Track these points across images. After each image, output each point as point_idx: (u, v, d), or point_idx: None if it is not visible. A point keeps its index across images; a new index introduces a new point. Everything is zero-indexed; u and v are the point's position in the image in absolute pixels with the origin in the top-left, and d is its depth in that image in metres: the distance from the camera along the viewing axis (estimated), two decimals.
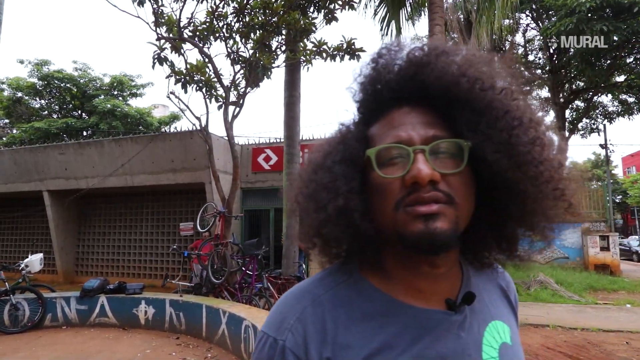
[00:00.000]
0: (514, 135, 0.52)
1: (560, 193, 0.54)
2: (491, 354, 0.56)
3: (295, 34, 6.64)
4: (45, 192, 10.64)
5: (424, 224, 0.49)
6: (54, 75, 20.22)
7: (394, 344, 0.52)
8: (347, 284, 0.58)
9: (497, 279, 0.68)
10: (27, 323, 6.01)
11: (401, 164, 0.52)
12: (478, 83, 0.53)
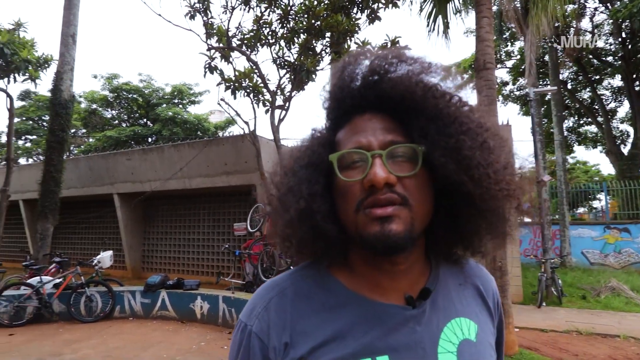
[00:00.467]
0: (460, 140, 0.55)
1: (507, 193, 0.56)
2: (448, 348, 0.58)
3: (338, 36, 6.70)
4: (115, 195, 11.61)
5: (380, 226, 0.53)
6: (122, 87, 22.02)
7: (346, 333, 0.56)
8: (313, 278, 0.63)
9: (472, 277, 0.68)
10: (99, 313, 6.63)
11: (361, 167, 0.56)
12: (430, 92, 0.57)
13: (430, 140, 0.56)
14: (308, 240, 0.59)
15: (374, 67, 0.60)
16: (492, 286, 0.70)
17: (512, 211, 0.60)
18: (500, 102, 22.36)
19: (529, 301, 8.08)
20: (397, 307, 0.59)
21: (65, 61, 8.82)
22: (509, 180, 0.57)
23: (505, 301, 4.73)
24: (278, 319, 0.59)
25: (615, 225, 14.07)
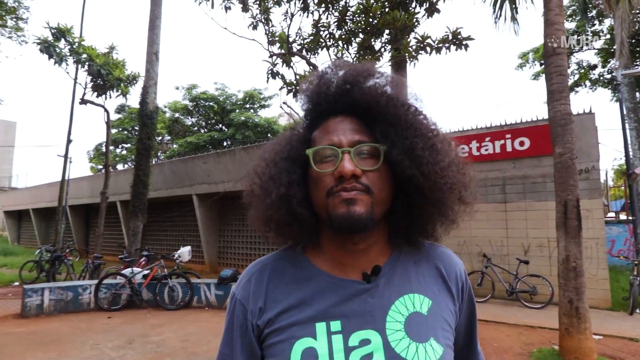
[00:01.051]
0: (414, 142, 0.66)
1: (450, 186, 0.65)
2: (397, 318, 0.66)
3: (396, 33, 6.64)
4: (194, 196, 12.66)
5: (346, 207, 0.63)
6: (200, 96, 23.82)
7: (307, 301, 0.68)
8: (289, 257, 0.75)
9: (434, 260, 0.75)
10: (180, 302, 7.33)
11: (332, 161, 0.66)
12: (391, 102, 0.68)
13: (390, 141, 0.67)
14: (285, 223, 0.70)
15: (348, 77, 0.71)
16: (456, 270, 0.76)
17: (456, 201, 0.69)
18: (587, 87, 20.24)
19: (619, 307, 7.27)
20: (354, 282, 0.69)
21: (150, 76, 9.85)
22: (452, 175, 0.68)
23: (581, 304, 4.36)
24: (257, 289, 0.72)
25: None
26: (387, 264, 0.71)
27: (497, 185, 8.82)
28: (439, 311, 0.69)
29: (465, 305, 0.77)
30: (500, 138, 8.93)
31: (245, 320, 0.71)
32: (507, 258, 8.38)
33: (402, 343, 0.64)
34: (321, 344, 0.64)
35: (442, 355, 0.65)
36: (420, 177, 0.66)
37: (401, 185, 0.69)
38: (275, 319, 0.68)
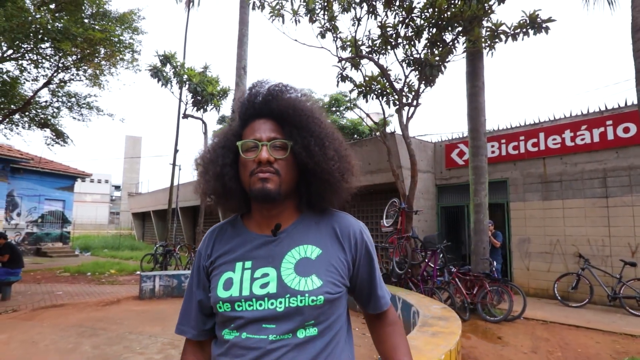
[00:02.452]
0: (308, 140, 0.93)
1: (334, 170, 0.93)
2: (290, 260, 0.91)
3: (465, 24, 6.48)
4: None
5: (261, 184, 0.91)
6: None
7: (234, 249, 0.96)
8: (230, 221, 1.04)
9: (332, 222, 0.97)
10: None
11: (254, 151, 0.94)
12: (297, 112, 0.95)
13: (294, 139, 0.94)
14: (220, 194, 0.99)
15: (270, 91, 0.99)
16: (349, 230, 0.97)
17: (340, 180, 0.95)
18: None
19: None
20: (265, 236, 0.96)
21: (240, 89, 10.91)
22: (336, 163, 0.94)
23: None
24: (208, 243, 1.03)
25: None
26: (292, 225, 0.97)
27: (597, 179, 7.91)
28: (327, 258, 0.92)
29: (362, 258, 0.98)
30: (600, 125, 8.01)
31: (199, 263, 1.02)
32: (609, 259, 7.48)
33: (290, 277, 0.89)
34: (237, 275, 0.92)
35: (320, 287, 0.88)
36: (312, 164, 0.92)
37: (301, 168, 0.95)
38: (215, 261, 0.98)
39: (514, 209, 9.10)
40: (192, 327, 1.02)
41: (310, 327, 0.88)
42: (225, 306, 0.90)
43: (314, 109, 0.98)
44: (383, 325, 1.06)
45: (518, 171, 9.11)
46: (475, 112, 7.76)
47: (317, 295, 0.88)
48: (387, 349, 1.03)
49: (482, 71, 7.91)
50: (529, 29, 6.45)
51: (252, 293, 0.89)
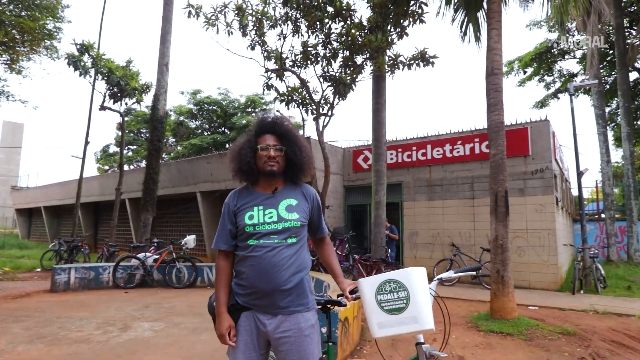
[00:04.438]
0: (293, 147, 1.85)
1: (305, 163, 1.85)
2: (282, 205, 1.81)
3: (372, 52, 7.82)
4: (198, 193, 13.82)
5: (270, 167, 1.80)
6: (204, 101, 25.05)
7: (251, 200, 1.83)
8: (246, 187, 1.91)
9: (302, 189, 1.91)
10: (185, 282, 8.49)
11: (266, 150, 1.83)
12: (288, 131, 1.86)
13: (286, 146, 1.84)
14: (245, 171, 1.86)
15: (275, 119, 1.89)
16: (310, 193, 1.92)
17: (307, 169, 1.88)
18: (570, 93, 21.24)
19: (567, 289, 8.38)
20: (268, 194, 1.84)
21: (161, 85, 11.05)
22: (306, 160, 1.86)
23: (506, 274, 5.51)
24: (234, 198, 1.87)
25: None
26: (282, 188, 1.87)
27: (467, 184, 9.96)
28: (300, 205, 1.85)
29: (315, 207, 1.92)
30: (470, 142, 10.09)
31: (229, 209, 1.87)
32: (473, 247, 9.52)
33: (283, 212, 1.79)
34: (255, 212, 1.79)
35: (297, 218, 1.80)
36: (294, 160, 1.83)
37: (289, 161, 1.85)
38: (240, 207, 1.83)
39: (406, 207, 10.87)
40: (225, 243, 1.86)
41: (293, 237, 1.80)
42: (250, 228, 1.77)
43: (295, 131, 1.90)
44: (323, 244, 2.02)
45: (410, 176, 10.91)
46: (378, 125, 9.24)
47: (296, 221, 1.80)
48: (326, 256, 1.99)
49: (384, 91, 9.43)
50: (420, 62, 8.04)
51: (265, 221, 1.78)
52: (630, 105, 14.72)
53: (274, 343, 1.76)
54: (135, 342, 4.40)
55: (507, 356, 4.15)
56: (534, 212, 8.90)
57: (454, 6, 8.75)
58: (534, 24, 19.75)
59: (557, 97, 21.08)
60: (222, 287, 1.84)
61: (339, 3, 7.38)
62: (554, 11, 8.96)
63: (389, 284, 1.65)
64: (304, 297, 1.82)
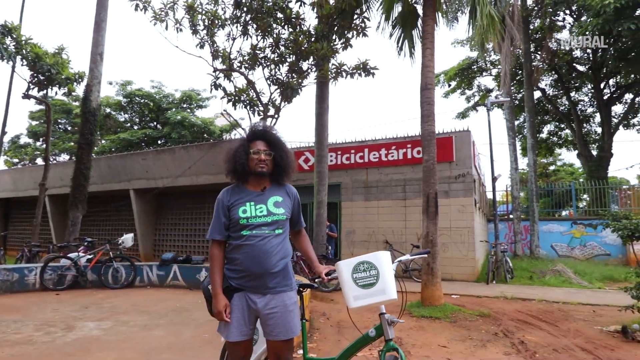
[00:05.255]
0: (280, 152, 2.18)
1: (289, 166, 2.19)
2: (271, 201, 2.13)
3: (318, 60, 8.25)
4: (131, 191, 13.25)
5: (260, 168, 2.10)
6: (135, 93, 23.74)
7: (243, 197, 2.13)
8: (237, 186, 2.20)
9: (286, 188, 2.24)
10: (123, 282, 8.22)
11: (257, 154, 2.13)
12: (276, 139, 2.19)
13: (274, 151, 2.16)
14: (238, 172, 2.14)
15: (264, 127, 2.20)
16: (292, 191, 2.25)
17: (291, 171, 2.21)
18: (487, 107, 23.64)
19: (482, 279, 9.55)
20: (258, 192, 2.15)
21: (94, 76, 10.48)
22: (290, 163, 2.19)
23: (435, 265, 6.27)
24: (227, 194, 2.15)
25: (582, 221, 15.47)
26: (269, 187, 2.18)
27: (400, 186, 10.84)
28: (285, 201, 2.17)
29: (295, 204, 2.26)
30: (404, 147, 10.99)
31: (223, 204, 2.13)
32: (405, 244, 10.39)
33: (272, 208, 2.11)
34: (248, 207, 2.08)
35: (283, 212, 2.12)
36: (280, 163, 2.15)
37: (275, 164, 2.17)
38: (233, 202, 2.11)
39: (344, 207, 11.50)
40: (219, 234, 2.12)
41: (279, 229, 2.12)
42: (244, 220, 2.06)
43: (281, 138, 2.22)
44: (300, 235, 2.36)
45: (348, 177, 11.56)
46: (321, 128, 9.72)
47: (282, 215, 2.12)
48: (303, 245, 2.34)
49: (327, 96, 9.93)
50: (362, 72, 8.65)
51: (256, 214, 2.08)
52: (534, 120, 16.92)
53: (263, 318, 2.07)
54: (86, 341, 4.34)
55: (437, 336, 4.80)
56: (457, 212, 9.99)
57: (392, 22, 9.52)
58: (458, 42, 21.73)
59: (476, 110, 23.37)
60: (218, 272, 2.10)
61: (290, 11, 7.72)
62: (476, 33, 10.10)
63: (363, 265, 2.05)
64: (288, 279, 2.16)
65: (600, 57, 17.45)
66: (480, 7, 6.93)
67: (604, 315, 5.95)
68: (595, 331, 5.03)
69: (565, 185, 20.48)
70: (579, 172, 28.94)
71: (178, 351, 4.00)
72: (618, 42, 15.35)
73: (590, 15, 13.31)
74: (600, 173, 17.31)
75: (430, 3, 7.37)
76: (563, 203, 20.47)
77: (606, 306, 6.68)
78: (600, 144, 18.61)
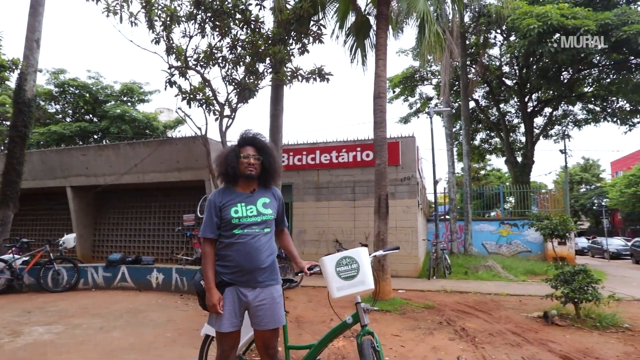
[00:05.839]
0: (268, 158, 2.39)
1: (275, 170, 2.40)
2: (260, 203, 2.33)
3: (275, 63, 8.42)
4: (68, 188, 12.42)
5: (249, 172, 2.29)
6: (69, 83, 22.10)
7: (234, 198, 2.31)
8: (227, 188, 2.37)
9: (272, 191, 2.46)
10: (65, 285, 7.79)
11: (247, 158, 2.31)
12: (265, 145, 2.39)
13: (263, 156, 2.36)
14: (229, 175, 2.31)
15: (254, 135, 2.39)
16: (278, 194, 2.47)
17: (277, 175, 2.43)
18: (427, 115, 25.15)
19: (424, 275, 10.29)
20: (247, 193, 2.34)
21: (30, 64, 9.74)
22: (277, 168, 2.41)
23: (385, 262, 6.73)
24: (219, 196, 2.31)
25: (508, 221, 17.08)
26: (258, 189, 2.38)
27: (349, 187, 11.31)
28: (271, 202, 2.38)
29: (280, 206, 2.48)
30: (354, 150, 11.48)
31: (215, 205, 2.29)
32: (353, 243, 10.86)
33: (261, 208, 2.31)
34: (239, 208, 2.26)
35: (270, 213, 2.33)
36: (268, 168, 2.36)
37: (263, 168, 2.38)
38: (225, 203, 2.27)
39: (296, 207, 11.75)
40: (212, 233, 2.28)
41: (267, 228, 2.33)
42: (236, 220, 2.24)
43: (270, 145, 2.43)
44: (283, 234, 2.58)
45: (300, 178, 11.83)
46: (276, 130, 9.88)
47: (270, 215, 2.34)
48: (286, 243, 2.56)
49: (282, 98, 10.12)
50: (317, 77, 8.96)
51: (247, 215, 2.27)
52: (469, 128, 18.38)
53: (253, 310, 2.27)
54: (39, 345, 4.18)
55: (389, 327, 5.22)
56: (402, 212, 10.66)
57: (346, 31, 9.97)
58: (402, 52, 22.91)
59: (417, 116, 24.78)
60: (211, 268, 2.27)
61: (249, 13, 7.81)
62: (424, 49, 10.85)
63: (345, 259, 2.33)
64: (275, 274, 2.38)
65: (525, 74, 19.40)
66: (428, 25, 7.53)
67: (528, 304, 6.79)
68: (522, 317, 5.76)
69: (495, 188, 22.45)
70: (505, 176, 31.78)
71: (143, 351, 4.01)
72: (540, 61, 17.17)
73: (518, 37, 14.82)
74: (524, 178, 19.22)
75: (384, 17, 7.88)
76: (492, 204, 22.41)
77: (529, 296, 7.60)
78: (524, 152, 20.64)
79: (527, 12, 14.22)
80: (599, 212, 39.09)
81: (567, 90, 18.34)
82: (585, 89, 19.99)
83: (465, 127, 17.38)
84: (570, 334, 4.80)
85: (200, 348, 2.87)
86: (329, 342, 2.55)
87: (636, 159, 34.65)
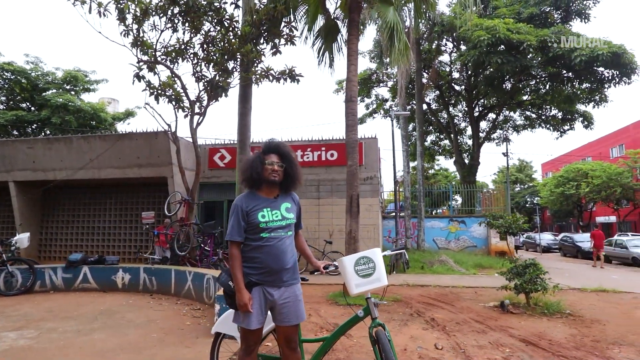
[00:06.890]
0: (291, 165, 2.56)
1: (297, 176, 2.59)
2: (283, 208, 2.52)
3: (247, 62, 8.45)
4: (11, 183, 11.53)
5: (273, 178, 2.46)
6: (3, 67, 20.24)
7: (260, 203, 2.47)
8: (252, 193, 2.52)
9: (292, 196, 2.65)
10: (20, 288, 7.33)
11: (271, 165, 2.48)
12: (288, 153, 2.56)
13: (286, 163, 2.53)
14: (252, 180, 2.47)
15: (278, 143, 2.56)
16: (297, 199, 2.67)
17: (298, 181, 2.61)
18: (382, 115, 26.13)
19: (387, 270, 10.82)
20: (271, 199, 2.51)
21: None
22: (298, 174, 2.58)
23: None
24: (245, 201, 2.45)
25: (456, 218, 18.26)
26: (280, 195, 2.56)
27: (314, 186, 11.58)
28: (292, 207, 2.57)
29: (298, 210, 2.67)
30: (318, 150, 11.75)
31: (242, 210, 2.44)
32: (318, 240, 11.17)
33: (284, 213, 2.49)
34: (265, 212, 2.43)
35: (292, 217, 2.53)
36: (291, 174, 2.54)
37: (286, 175, 2.56)
38: (251, 208, 2.43)
39: None
40: (239, 236, 2.43)
41: (290, 231, 2.52)
42: (263, 224, 2.41)
43: (292, 152, 2.60)
44: (299, 236, 2.77)
45: None
46: (244, 128, 9.88)
47: (292, 219, 2.53)
48: (301, 244, 2.76)
49: (250, 97, 10.12)
50: (288, 77, 9.11)
51: (273, 219, 2.44)
52: (422, 130, 19.38)
53: (277, 308, 2.46)
54: (16, 351, 4.01)
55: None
56: (365, 211, 11.11)
57: (315, 34, 10.18)
58: (360, 54, 23.53)
59: (372, 117, 25.60)
60: (239, 270, 2.42)
61: (224, 11, 7.77)
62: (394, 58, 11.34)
63: (363, 259, 2.60)
64: (296, 273, 2.58)
65: (474, 81, 20.78)
66: (397, 34, 7.96)
67: (483, 295, 7.48)
68: (480, 307, 6.37)
69: (443, 187, 23.84)
70: (452, 176, 33.79)
71: (134, 351, 4.01)
72: (486, 70, 18.50)
73: (469, 47, 15.90)
74: (471, 178, 20.62)
75: (355, 24, 8.19)
76: (439, 202, 23.80)
77: (482, 288, 8.34)
78: (471, 154, 22.11)
79: (477, 24, 15.29)
80: (532, 210, 42.82)
81: (509, 98, 19.94)
82: (524, 97, 21.87)
83: (419, 129, 18.29)
84: (524, 321, 5.43)
85: (211, 345, 2.99)
86: (341, 335, 2.80)
87: (564, 162, 38.33)
